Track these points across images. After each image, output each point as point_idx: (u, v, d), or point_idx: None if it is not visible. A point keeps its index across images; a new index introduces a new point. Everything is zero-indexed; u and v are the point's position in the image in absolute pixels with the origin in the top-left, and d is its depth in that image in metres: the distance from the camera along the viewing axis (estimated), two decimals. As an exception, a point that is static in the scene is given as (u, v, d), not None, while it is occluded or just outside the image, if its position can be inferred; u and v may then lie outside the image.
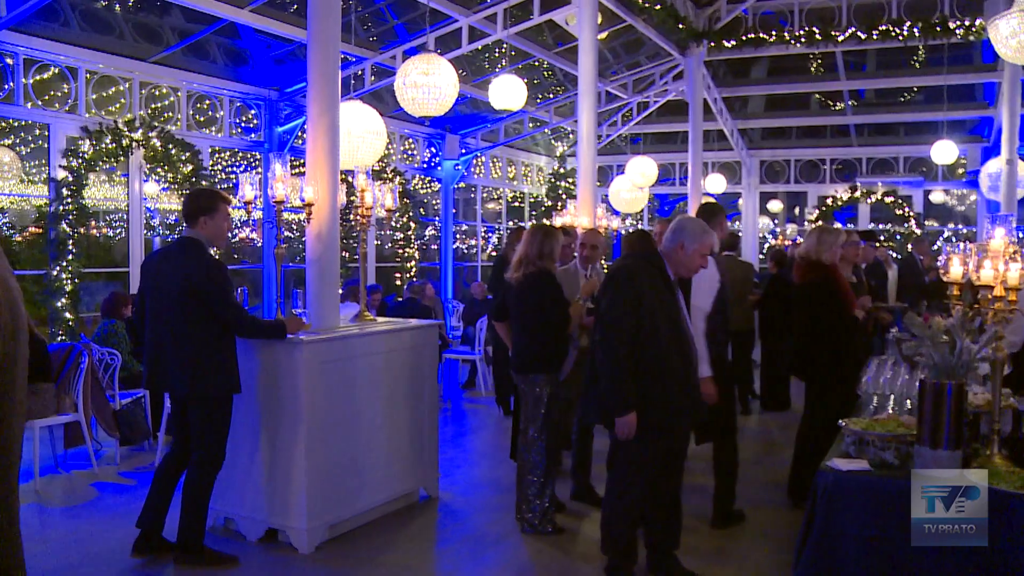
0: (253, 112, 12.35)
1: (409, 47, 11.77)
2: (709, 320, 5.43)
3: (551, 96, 16.61)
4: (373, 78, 12.31)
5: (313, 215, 5.84)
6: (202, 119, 11.62)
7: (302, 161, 6.29)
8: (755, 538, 5.85)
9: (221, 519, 5.86)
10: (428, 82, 7.95)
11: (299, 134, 12.21)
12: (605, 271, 6.22)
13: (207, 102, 11.67)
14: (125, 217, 10.83)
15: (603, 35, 13.81)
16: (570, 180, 18.10)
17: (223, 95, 11.85)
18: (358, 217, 6.57)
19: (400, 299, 12.03)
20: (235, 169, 12.30)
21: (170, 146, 10.58)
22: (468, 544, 5.73)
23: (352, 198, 6.85)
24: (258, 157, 12.53)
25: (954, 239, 17.22)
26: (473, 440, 9.09)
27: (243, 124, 12.25)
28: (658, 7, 12.69)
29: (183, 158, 10.74)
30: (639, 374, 4.49)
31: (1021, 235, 4.99)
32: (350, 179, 7.67)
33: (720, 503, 6.01)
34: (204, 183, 10.83)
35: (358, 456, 5.86)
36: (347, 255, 12.41)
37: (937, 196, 18.31)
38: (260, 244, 12.87)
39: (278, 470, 5.53)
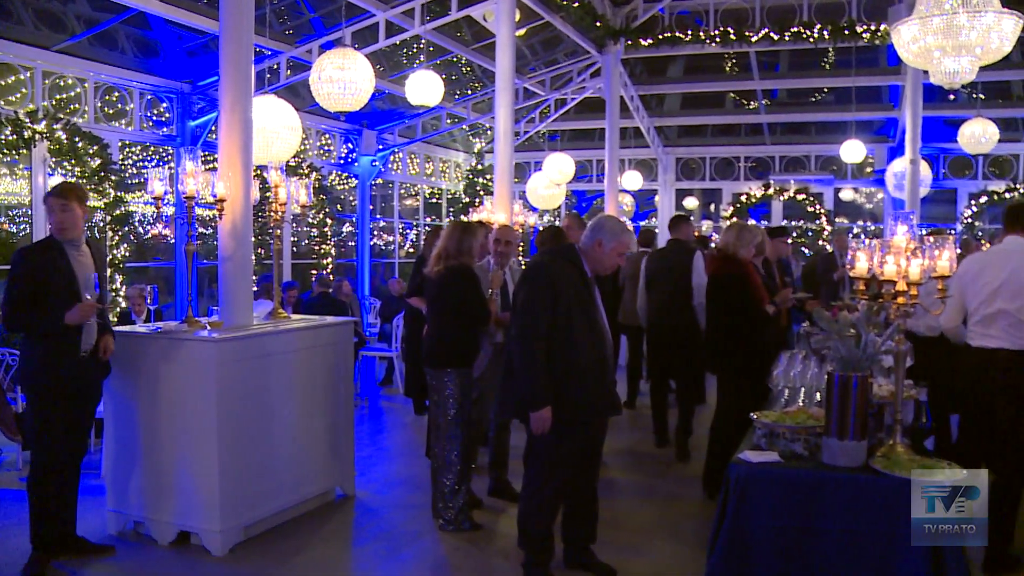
0: (165, 105, 12.05)
1: (326, 41, 11.63)
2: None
3: (469, 92, 16.58)
4: (289, 72, 12.12)
5: (226, 211, 5.73)
6: (111, 112, 11.28)
7: (216, 156, 6.16)
8: (671, 530, 5.93)
9: (130, 523, 5.71)
10: (344, 77, 7.88)
11: (213, 128, 11.96)
12: (523, 267, 6.23)
13: (116, 94, 11.34)
14: (29, 212, 10.47)
15: (521, 32, 13.85)
16: (488, 177, 18.09)
17: (133, 87, 11.53)
18: (272, 213, 6.48)
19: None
20: (147, 164, 11.99)
21: (76, 139, 10.22)
22: (385, 542, 5.70)
23: (267, 194, 6.74)
24: (171, 151, 12.24)
25: (863, 235, 17.70)
26: (390, 437, 9.03)
27: (155, 117, 11.94)
28: (576, 5, 12.77)
29: (91, 151, 10.39)
30: (554, 369, 4.51)
31: (925, 232, 5.17)
32: (264, 174, 7.55)
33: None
34: (113, 178, 10.52)
35: (273, 455, 5.78)
36: (262, 252, 12.21)
37: (847, 194, 18.82)
38: (173, 241, 12.58)
39: (190, 471, 5.41)
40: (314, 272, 14.13)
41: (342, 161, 15.61)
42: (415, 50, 14.25)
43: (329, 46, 10.88)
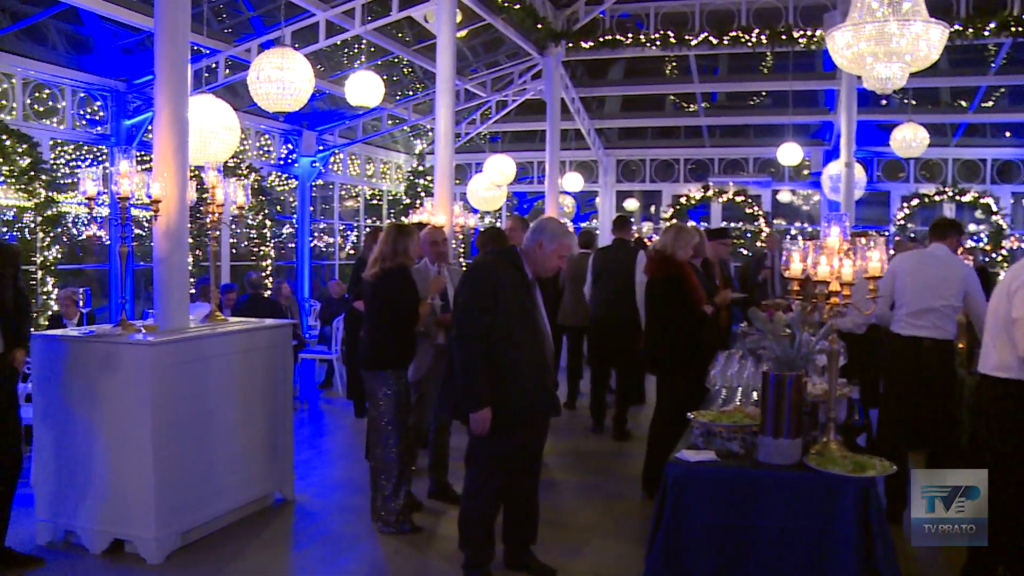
0: (99, 104, 11.80)
1: (265, 40, 11.49)
2: None
3: (410, 93, 16.52)
4: (228, 71, 11.95)
5: (161, 212, 5.63)
6: (42, 109, 11.01)
7: (152, 156, 6.06)
8: (611, 530, 5.97)
9: (61, 533, 5.58)
10: (283, 77, 7.80)
11: (149, 128, 11.73)
12: (464, 269, 6.23)
13: (47, 91, 11.08)
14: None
15: (462, 33, 13.84)
16: (429, 178, 18.02)
17: (65, 84, 11.26)
18: (209, 215, 6.39)
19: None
20: (80, 163, 11.73)
21: (4, 137, 9.96)
22: (324, 546, 5.65)
23: (204, 195, 6.64)
24: (105, 151, 11.99)
25: (800, 237, 17.99)
26: (330, 440, 8.97)
27: (88, 116, 11.69)
28: (517, 7, 12.79)
29: (19, 150, 10.12)
30: (494, 370, 4.51)
31: (874, 232, 5.37)
32: (201, 175, 7.45)
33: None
34: (44, 177, 10.27)
35: (211, 460, 5.70)
36: (200, 254, 12.03)
37: (784, 196, 19.11)
38: (108, 242, 12.33)
39: (124, 478, 5.31)
40: (247, 273, 13.96)
41: (282, 162, 15.44)
42: (356, 50, 14.17)
43: (268, 45, 10.75)
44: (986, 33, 13.32)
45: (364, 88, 9.93)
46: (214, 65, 11.79)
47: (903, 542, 4.53)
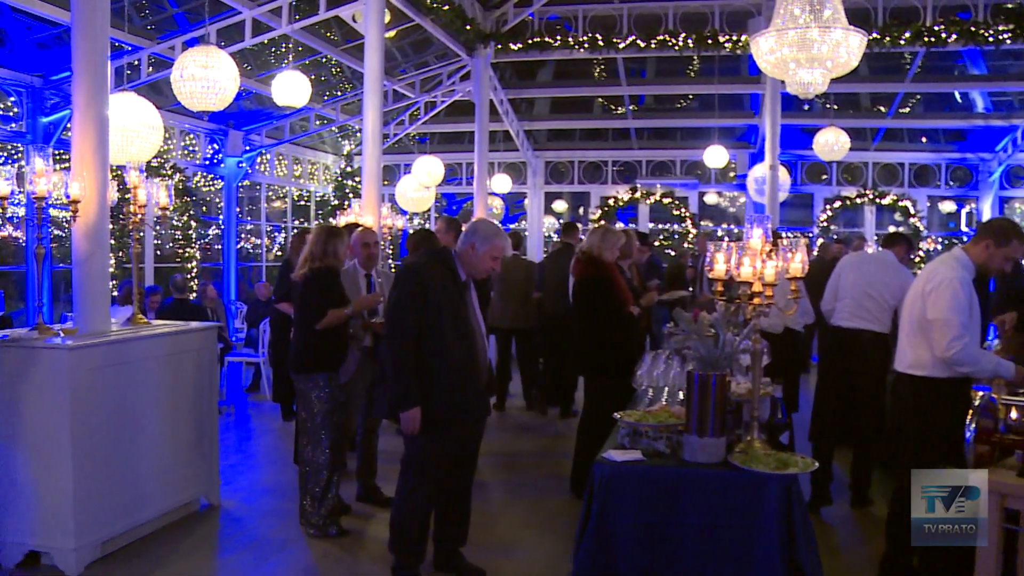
0: (13, 100, 11.46)
1: (190, 38, 11.27)
2: None
3: (339, 94, 16.38)
4: (151, 69, 11.70)
5: (80, 213, 5.49)
6: (-49, 106, 10.68)
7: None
8: (541, 531, 5.99)
9: (-30, 546, 5.40)
10: (207, 75, 7.69)
11: (68, 125, 11.44)
12: (393, 271, 6.20)
13: (-43, 87, 10.74)
14: None
15: (391, 33, 13.78)
16: (357, 179, 17.85)
17: (-23, 80, 10.94)
18: (131, 215, 6.25)
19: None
20: (-7, 162, 11.38)
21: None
22: (251, 552, 5.57)
23: (126, 195, 6.50)
24: (20, 149, 11.65)
25: (726, 238, 18.28)
26: (257, 444, 8.85)
27: (2, 112, 11.35)
28: (446, 8, 12.78)
29: (-74, 148, 9.79)
30: (425, 371, 4.50)
31: (790, 235, 5.49)
32: (123, 175, 7.29)
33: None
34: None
35: (132, 467, 5.57)
36: (122, 255, 11.76)
37: (711, 198, 19.37)
38: (24, 243, 11.98)
39: (41, 486, 5.14)
40: (173, 276, 13.69)
41: (207, 162, 15.17)
42: (283, 50, 13.99)
43: (193, 43, 10.54)
44: (902, 42, 13.74)
45: (291, 88, 9.82)
46: (136, 62, 11.54)
47: (824, 535, 4.62)
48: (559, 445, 8.29)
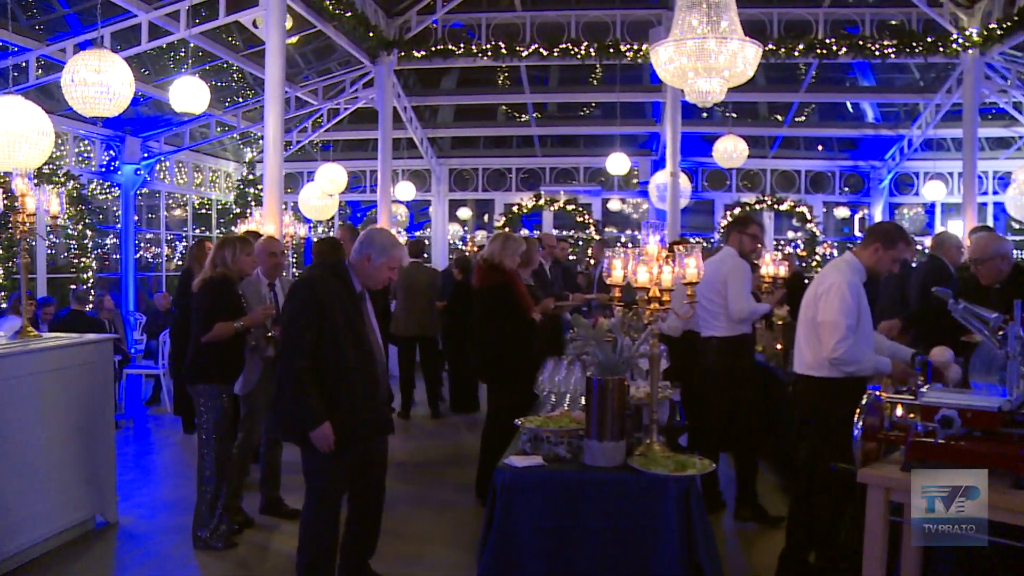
0: None
1: (82, 40, 10.96)
2: None
3: (240, 100, 16.11)
4: (40, 72, 11.33)
5: (-37, 222, 5.29)
6: None
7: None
8: (446, 538, 5.98)
9: None
10: (100, 80, 7.48)
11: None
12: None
13: None
14: None
15: (293, 39, 13.62)
16: (259, 187, 17.61)
17: None
18: (19, 224, 6.03)
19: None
20: None
21: None
22: (151, 569, 5.43)
23: (14, 203, 6.26)
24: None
25: (629, 244, 18.56)
26: (158, 458, 8.63)
27: None
28: (348, 14, 12.70)
29: None
30: (324, 387, 4.36)
31: (693, 239, 5.63)
32: (10, 182, 7.04)
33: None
34: None
35: (21, 486, 5.35)
36: (12, 265, 11.34)
37: (614, 204, 19.64)
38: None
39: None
40: (73, 287, 13.27)
41: (103, 169, 14.74)
42: (182, 54, 13.69)
43: (86, 46, 10.26)
44: (796, 53, 14.21)
45: (189, 94, 9.60)
46: (23, 64, 11.15)
47: (723, 535, 4.73)
48: (464, 452, 8.29)
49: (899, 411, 3.68)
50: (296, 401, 4.31)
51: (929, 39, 14.01)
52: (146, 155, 15.33)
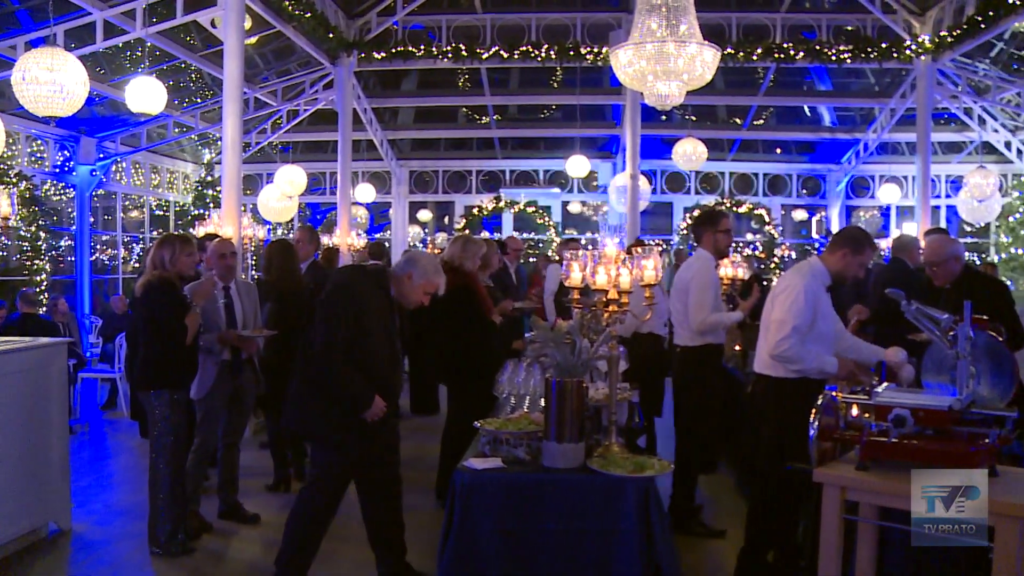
0: None
1: (35, 38, 10.79)
2: None
3: (198, 100, 15.95)
4: (-11, 70, 11.15)
5: (-90, 224, 5.18)
6: None
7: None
8: (407, 542, 5.93)
9: None
10: (53, 79, 7.37)
11: None
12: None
13: None
14: None
15: (252, 40, 13.53)
16: (218, 188, 17.45)
17: None
18: (-32, 225, 5.93)
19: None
20: None
21: None
22: (105, 576, 5.35)
23: (-37, 204, 6.16)
24: None
25: (590, 246, 18.63)
26: (114, 464, 8.50)
27: None
28: (308, 15, 12.63)
29: None
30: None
31: (651, 241, 5.64)
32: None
33: None
34: None
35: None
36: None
37: (574, 207, 19.71)
38: None
39: None
40: (23, 289, 13.04)
41: (57, 170, 14.51)
42: (139, 54, 13.53)
43: (38, 43, 10.09)
44: (754, 57, 14.37)
45: (146, 94, 9.49)
46: (-29, 61, 10.97)
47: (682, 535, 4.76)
48: (425, 455, 8.25)
49: (854, 411, 3.73)
50: (343, 388, 4.45)
51: (883, 45, 14.28)
52: (102, 156, 15.13)
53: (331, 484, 4.70)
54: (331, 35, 13.72)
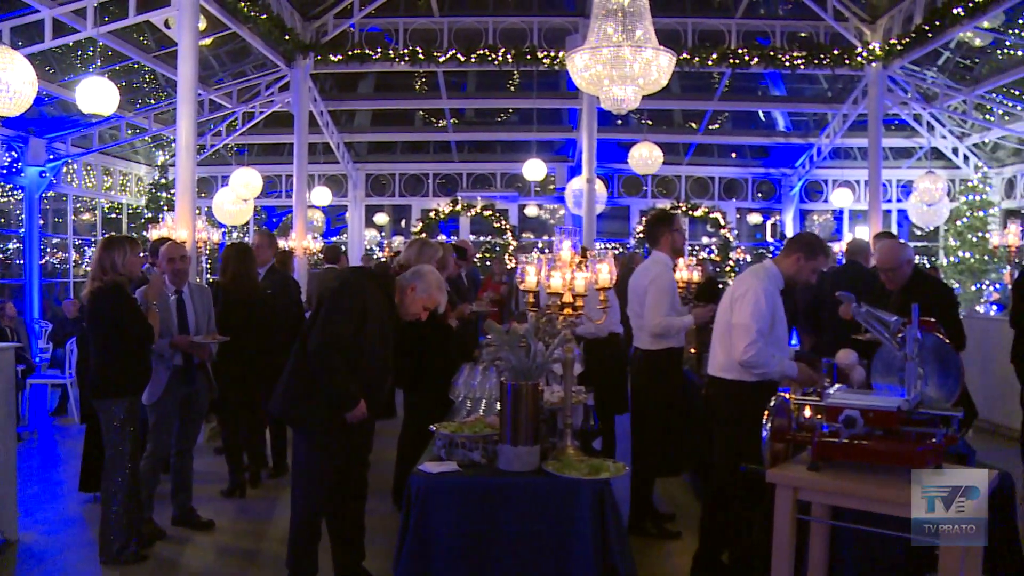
0: None
1: (-21, 35, 10.60)
2: None
3: (152, 102, 15.75)
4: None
5: None
6: None
7: None
8: (365, 544, 5.90)
9: None
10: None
11: None
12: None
13: None
14: None
15: (207, 41, 13.40)
16: (172, 191, 17.23)
17: None
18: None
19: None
20: None
21: None
22: (51, 587, 5.25)
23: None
24: None
25: (546, 250, 18.67)
26: (64, 471, 8.34)
27: None
28: (264, 16, 12.54)
29: None
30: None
31: (602, 246, 5.65)
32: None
33: None
34: None
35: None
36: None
37: (531, 210, 19.74)
38: None
39: None
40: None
41: (4, 171, 14.24)
42: (90, 53, 13.34)
43: (-16, 41, 9.94)
44: (709, 63, 14.53)
45: (97, 94, 9.34)
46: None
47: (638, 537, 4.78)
48: (382, 458, 8.21)
49: (807, 412, 3.77)
50: (334, 387, 4.51)
51: (836, 51, 14.51)
52: (52, 157, 14.89)
53: (324, 477, 4.71)
54: (287, 37, 13.63)
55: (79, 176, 16.39)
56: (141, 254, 5.85)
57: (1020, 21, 12.76)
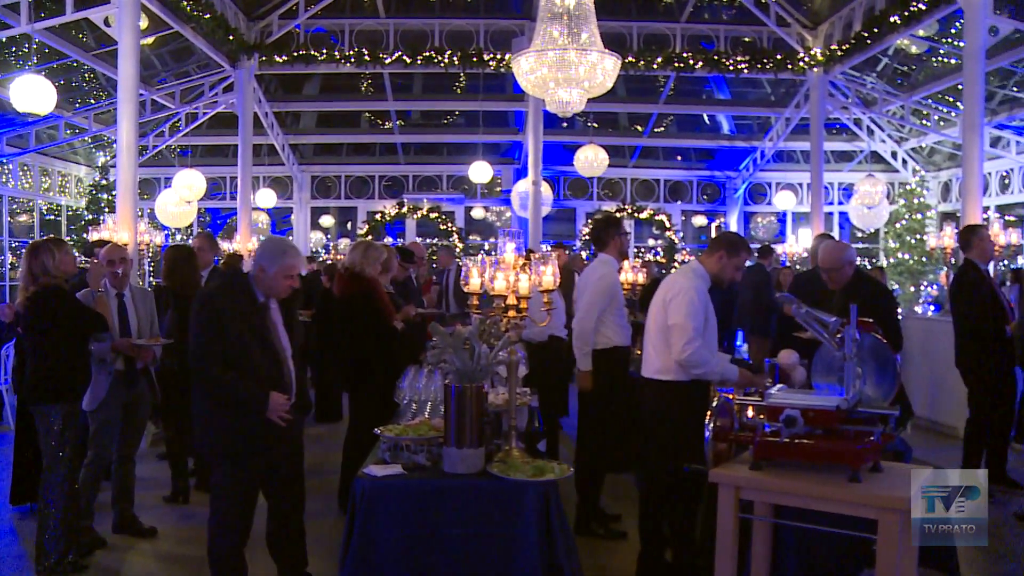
0: None
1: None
2: None
3: (92, 101, 15.47)
4: None
5: None
6: None
7: None
8: (309, 549, 5.81)
9: None
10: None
11: None
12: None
13: None
14: None
15: (149, 40, 13.21)
16: (113, 193, 16.94)
17: None
18: None
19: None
20: None
21: None
22: (-17, 606, 5.12)
23: None
24: None
25: (494, 252, 18.67)
26: (-2, 481, 8.15)
27: None
28: (207, 16, 12.39)
29: None
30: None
31: (545, 247, 5.65)
32: None
33: None
34: None
35: None
36: None
37: (478, 212, 19.75)
38: None
39: None
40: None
41: (-64, 172, 13.91)
42: (26, 51, 13.05)
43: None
44: (655, 66, 14.67)
45: (33, 93, 9.13)
46: None
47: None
48: (327, 462, 8.16)
49: (749, 412, 3.83)
50: (232, 395, 4.26)
51: (778, 56, 14.77)
52: (-13, 157, 14.56)
53: (238, 499, 4.46)
54: (231, 37, 13.49)
55: (15, 177, 16.03)
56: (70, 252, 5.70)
57: (952, 31, 13.11)
